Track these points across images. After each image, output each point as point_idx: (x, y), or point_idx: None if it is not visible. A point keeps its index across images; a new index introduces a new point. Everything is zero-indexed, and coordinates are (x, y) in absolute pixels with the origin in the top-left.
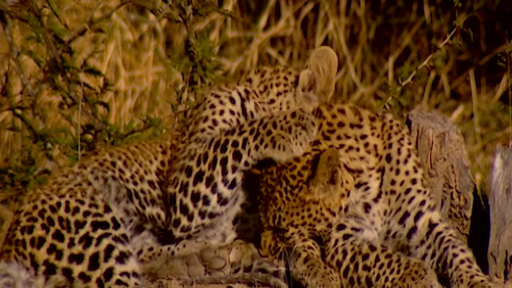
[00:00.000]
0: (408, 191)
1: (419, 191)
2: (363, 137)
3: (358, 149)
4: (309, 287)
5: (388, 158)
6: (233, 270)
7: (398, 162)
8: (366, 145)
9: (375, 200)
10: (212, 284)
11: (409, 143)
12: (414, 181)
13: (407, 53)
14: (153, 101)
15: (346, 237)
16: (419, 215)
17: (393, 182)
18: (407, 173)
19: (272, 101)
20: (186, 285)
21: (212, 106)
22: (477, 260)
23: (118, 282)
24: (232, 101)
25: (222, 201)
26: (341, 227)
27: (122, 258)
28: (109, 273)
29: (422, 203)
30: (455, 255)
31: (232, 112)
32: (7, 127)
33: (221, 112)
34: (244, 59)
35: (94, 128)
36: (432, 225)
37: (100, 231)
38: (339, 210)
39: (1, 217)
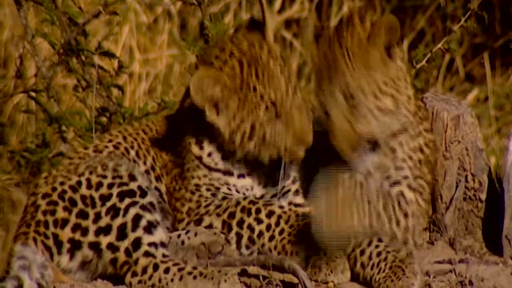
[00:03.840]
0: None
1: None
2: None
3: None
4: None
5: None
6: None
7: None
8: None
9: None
10: (226, 266)
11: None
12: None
13: (422, 35)
14: (168, 83)
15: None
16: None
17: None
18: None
19: None
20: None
21: None
22: (492, 243)
23: (146, 253)
24: None
25: None
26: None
27: (150, 228)
28: (137, 243)
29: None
30: None
31: None
32: (21, 109)
33: None
34: None
35: (108, 110)
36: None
37: (127, 201)
38: (408, 112)
39: (15, 199)
